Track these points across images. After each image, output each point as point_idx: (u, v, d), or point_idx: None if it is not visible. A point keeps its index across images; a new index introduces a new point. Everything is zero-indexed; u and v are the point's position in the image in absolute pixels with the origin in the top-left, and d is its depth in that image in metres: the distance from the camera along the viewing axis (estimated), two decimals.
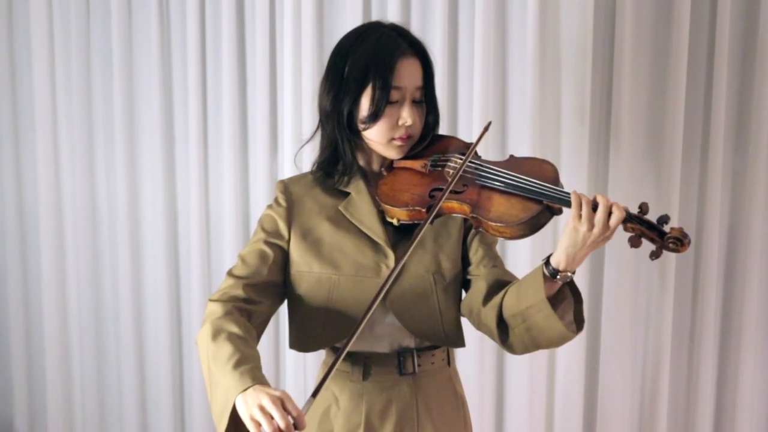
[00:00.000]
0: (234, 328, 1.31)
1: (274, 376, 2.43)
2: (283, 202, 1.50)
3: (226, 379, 1.22)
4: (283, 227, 1.47)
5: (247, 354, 1.26)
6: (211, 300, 1.40)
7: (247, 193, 2.41)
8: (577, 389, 2.20)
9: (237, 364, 1.23)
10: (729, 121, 2.10)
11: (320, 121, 1.50)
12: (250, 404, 1.16)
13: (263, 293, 1.44)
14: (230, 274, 1.44)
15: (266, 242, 1.46)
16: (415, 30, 2.10)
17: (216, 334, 1.30)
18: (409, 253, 1.31)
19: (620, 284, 2.14)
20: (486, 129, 1.50)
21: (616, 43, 2.06)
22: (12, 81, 2.62)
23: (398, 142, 1.45)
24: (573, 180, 2.07)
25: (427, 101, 1.47)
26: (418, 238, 1.32)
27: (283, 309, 1.54)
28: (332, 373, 1.23)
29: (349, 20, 2.19)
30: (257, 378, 1.21)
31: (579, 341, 2.14)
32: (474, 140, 1.47)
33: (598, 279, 2.18)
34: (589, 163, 2.11)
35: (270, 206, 1.52)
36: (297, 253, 1.46)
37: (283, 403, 1.14)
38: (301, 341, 1.50)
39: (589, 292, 2.16)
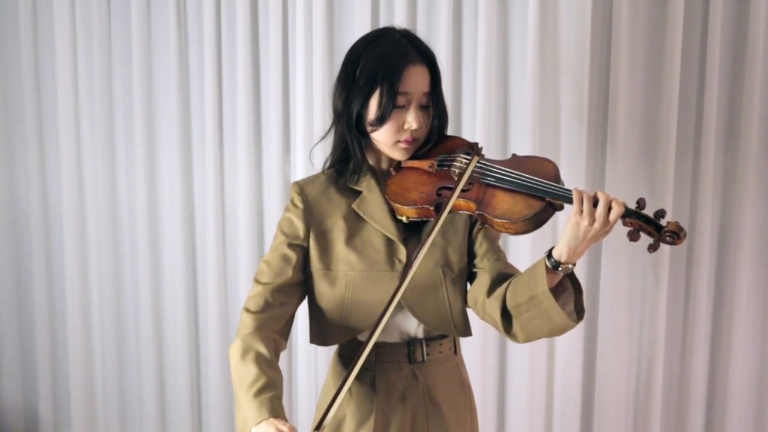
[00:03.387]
0: (261, 347, 1.37)
1: (286, 369, 2.46)
2: (299, 204, 1.52)
3: (246, 407, 1.29)
4: (301, 228, 1.50)
5: (270, 380, 1.32)
6: (245, 309, 1.44)
7: (260, 191, 2.43)
8: (576, 378, 2.22)
9: (258, 392, 1.30)
10: (720, 123, 2.12)
11: (333, 120, 1.53)
12: None
13: (290, 294, 1.48)
14: (257, 281, 1.47)
15: (288, 245, 1.50)
16: (421, 31, 2.09)
17: (245, 353, 1.36)
18: (422, 254, 1.35)
19: (616, 278, 2.16)
20: (478, 153, 1.50)
21: (613, 46, 2.08)
22: (36, 83, 2.63)
23: (403, 145, 1.47)
24: (571, 176, 2.09)
25: (434, 106, 1.49)
26: (431, 239, 1.36)
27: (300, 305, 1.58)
28: (345, 371, 1.30)
29: (359, 23, 2.20)
30: (273, 409, 1.28)
31: (577, 331, 2.16)
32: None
33: (596, 273, 2.19)
34: (587, 160, 2.13)
35: (287, 209, 1.54)
36: (315, 253, 1.49)
37: None
38: (320, 336, 1.53)
39: (587, 286, 2.17)
